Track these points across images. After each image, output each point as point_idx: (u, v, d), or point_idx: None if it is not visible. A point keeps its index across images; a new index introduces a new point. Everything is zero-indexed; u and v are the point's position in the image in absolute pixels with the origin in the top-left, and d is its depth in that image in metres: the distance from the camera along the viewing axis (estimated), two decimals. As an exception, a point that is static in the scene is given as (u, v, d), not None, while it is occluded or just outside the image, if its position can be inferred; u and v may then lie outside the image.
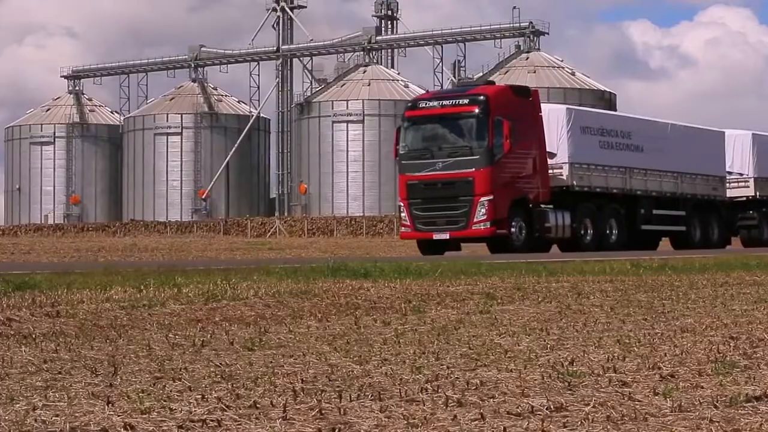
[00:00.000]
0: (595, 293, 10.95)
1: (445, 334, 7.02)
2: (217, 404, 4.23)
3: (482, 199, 30.43)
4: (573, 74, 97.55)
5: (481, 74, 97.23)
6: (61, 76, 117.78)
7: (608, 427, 3.82)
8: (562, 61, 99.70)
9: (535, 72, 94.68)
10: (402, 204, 31.86)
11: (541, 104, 33.74)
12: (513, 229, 31.03)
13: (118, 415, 4.01)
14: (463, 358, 5.74)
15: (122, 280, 11.66)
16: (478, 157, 30.50)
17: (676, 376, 4.99)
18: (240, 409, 4.14)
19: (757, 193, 41.69)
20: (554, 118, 33.37)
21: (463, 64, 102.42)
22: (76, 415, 4.04)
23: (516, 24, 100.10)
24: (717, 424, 3.84)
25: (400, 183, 31.96)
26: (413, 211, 31.30)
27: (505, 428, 3.77)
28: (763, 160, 41.91)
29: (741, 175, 41.63)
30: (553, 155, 32.71)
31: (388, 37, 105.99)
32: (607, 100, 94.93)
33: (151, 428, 3.83)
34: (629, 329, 7.24)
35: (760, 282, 12.94)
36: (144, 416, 4.02)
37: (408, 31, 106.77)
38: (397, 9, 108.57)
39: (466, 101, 30.94)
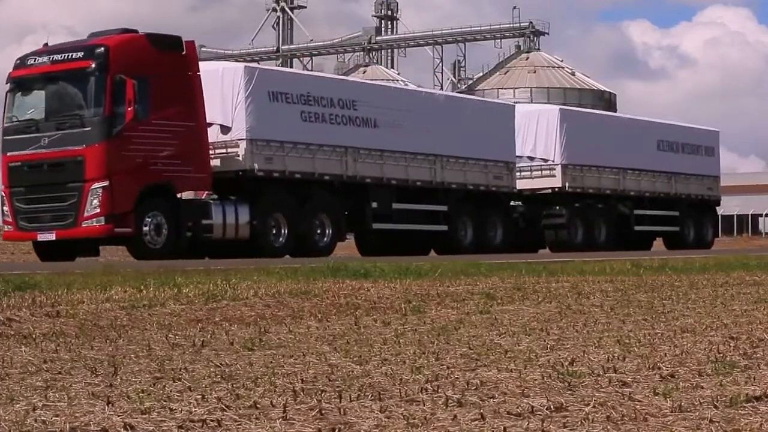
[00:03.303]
0: (595, 293, 10.96)
1: (445, 334, 7.02)
2: (217, 404, 4.23)
3: (95, 186, 22.96)
4: (573, 74, 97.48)
5: (481, 74, 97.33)
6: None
7: (608, 427, 3.81)
8: (562, 61, 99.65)
9: (535, 72, 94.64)
10: (3, 194, 24.26)
11: (215, 62, 26.32)
12: (146, 228, 23.49)
13: (118, 415, 4.01)
14: (463, 358, 5.74)
15: (122, 280, 11.67)
16: (89, 129, 23.06)
17: (676, 376, 4.98)
18: (240, 409, 4.14)
19: (567, 185, 33.20)
20: (230, 80, 25.76)
21: (463, 64, 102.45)
22: (76, 415, 4.04)
23: (516, 24, 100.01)
24: (717, 424, 3.84)
25: (2, 166, 24.40)
26: (15, 203, 23.87)
27: (505, 428, 3.77)
28: (576, 142, 33.47)
29: (545, 161, 33.28)
30: (227, 129, 25.46)
31: (388, 37, 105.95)
32: (607, 100, 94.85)
33: (151, 428, 3.83)
34: (629, 329, 7.24)
35: (760, 282, 12.95)
36: (144, 416, 4.02)
37: (408, 31, 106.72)
38: (397, 9, 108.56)
39: (80, 55, 23.42)
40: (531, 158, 33.16)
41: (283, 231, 26.05)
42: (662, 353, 5.85)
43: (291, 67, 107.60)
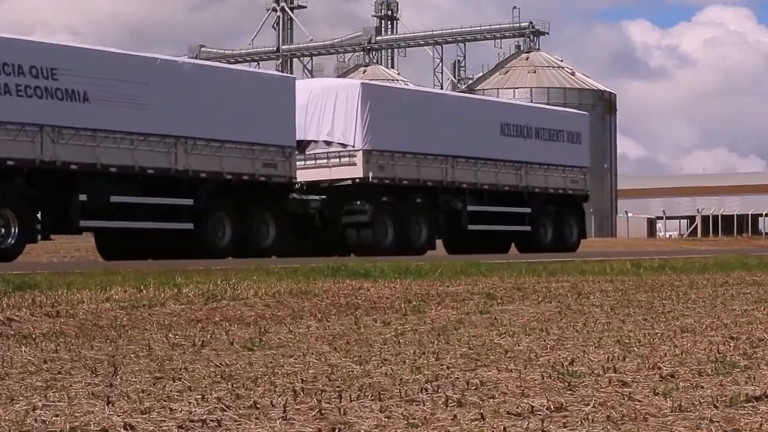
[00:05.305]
0: (595, 293, 10.96)
1: (445, 334, 7.02)
2: (217, 404, 4.22)
3: None
4: (573, 74, 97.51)
5: (481, 74, 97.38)
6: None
7: (608, 427, 3.81)
8: (562, 61, 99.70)
9: (535, 72, 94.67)
10: None
11: None
12: None
13: (118, 415, 4.01)
14: (463, 358, 5.73)
15: (122, 280, 11.67)
16: None
17: (676, 376, 4.98)
18: (240, 409, 4.14)
19: (370, 175, 28.10)
20: None
21: (463, 64, 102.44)
22: (76, 415, 4.03)
23: (516, 24, 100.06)
24: (717, 424, 3.84)
25: None
26: None
27: (505, 428, 3.77)
28: (384, 124, 28.30)
29: (344, 146, 28.29)
30: None
31: (388, 37, 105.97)
32: (607, 100, 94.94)
33: (151, 428, 3.82)
34: (629, 329, 7.24)
35: (760, 282, 12.95)
36: (144, 416, 4.02)
37: (408, 31, 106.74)
38: (397, 9, 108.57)
39: None
40: (328, 143, 28.53)
41: None
42: (662, 353, 5.85)
43: (291, 67, 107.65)
